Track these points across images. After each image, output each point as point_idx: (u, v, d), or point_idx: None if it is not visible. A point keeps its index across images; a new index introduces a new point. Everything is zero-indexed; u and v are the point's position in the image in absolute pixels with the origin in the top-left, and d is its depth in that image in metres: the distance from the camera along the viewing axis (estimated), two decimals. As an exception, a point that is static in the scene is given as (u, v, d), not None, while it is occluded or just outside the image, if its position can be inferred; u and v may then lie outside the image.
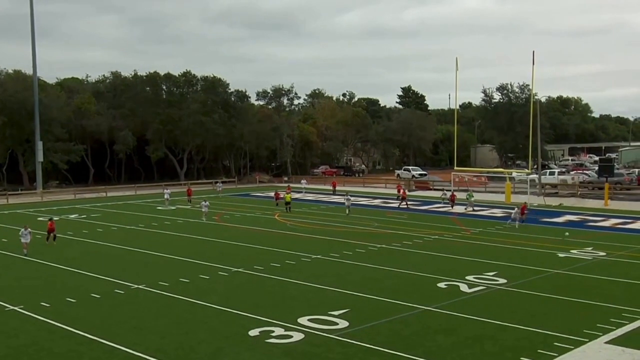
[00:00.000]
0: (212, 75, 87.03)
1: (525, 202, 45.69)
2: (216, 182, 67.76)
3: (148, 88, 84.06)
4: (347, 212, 46.67)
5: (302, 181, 68.13)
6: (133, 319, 20.27)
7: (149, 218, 46.15)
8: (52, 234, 34.23)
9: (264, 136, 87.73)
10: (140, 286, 24.39)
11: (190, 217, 46.05)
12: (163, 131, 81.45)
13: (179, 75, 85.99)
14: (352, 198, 50.73)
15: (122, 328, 19.22)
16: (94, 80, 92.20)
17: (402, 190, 55.99)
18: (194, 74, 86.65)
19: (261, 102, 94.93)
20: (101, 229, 40.29)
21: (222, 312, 20.83)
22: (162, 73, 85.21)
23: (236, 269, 27.35)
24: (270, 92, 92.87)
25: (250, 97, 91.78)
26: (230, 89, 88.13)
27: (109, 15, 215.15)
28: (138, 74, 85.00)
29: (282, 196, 52.16)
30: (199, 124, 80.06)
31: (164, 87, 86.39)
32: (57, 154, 73.27)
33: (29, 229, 31.50)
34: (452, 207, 49.72)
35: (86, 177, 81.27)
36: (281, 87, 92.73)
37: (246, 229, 40.59)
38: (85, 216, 47.43)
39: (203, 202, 45.24)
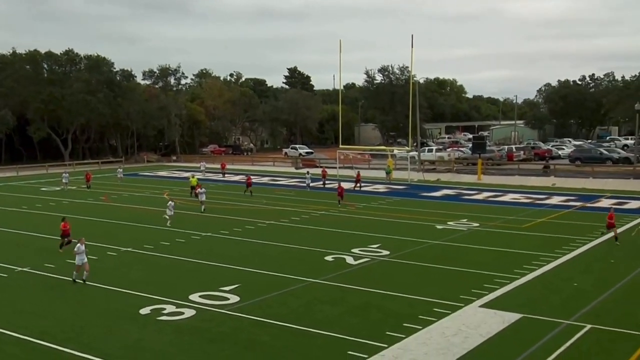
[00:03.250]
0: (96, 54, 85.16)
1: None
2: (108, 160, 65.42)
3: (28, 66, 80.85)
4: (202, 208, 38.08)
5: (202, 163, 67.74)
6: (17, 302, 19.86)
7: (32, 199, 44.51)
8: (66, 239, 27.16)
9: (151, 115, 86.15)
10: (24, 269, 23.80)
11: (77, 198, 44.80)
12: (45, 110, 78.59)
13: (60, 53, 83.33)
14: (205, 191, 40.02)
15: (6, 312, 18.84)
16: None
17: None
18: (77, 53, 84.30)
19: (147, 82, 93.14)
20: (-22, 213, 38.50)
21: (112, 292, 20.77)
22: (42, 51, 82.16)
23: (125, 249, 27.14)
24: (157, 72, 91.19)
25: (136, 77, 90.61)
26: (115, 68, 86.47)
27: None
28: (17, 52, 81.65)
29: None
30: (82, 103, 77.66)
31: (45, 66, 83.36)
32: None
33: (85, 243, 22.63)
34: (323, 184, 51.14)
35: (-37, 159, 76.95)
36: (168, 66, 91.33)
37: (135, 208, 40.03)
38: (-40, 199, 45.05)
39: (170, 203, 34.66)
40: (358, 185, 49.27)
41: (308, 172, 52.73)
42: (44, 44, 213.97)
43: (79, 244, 22.07)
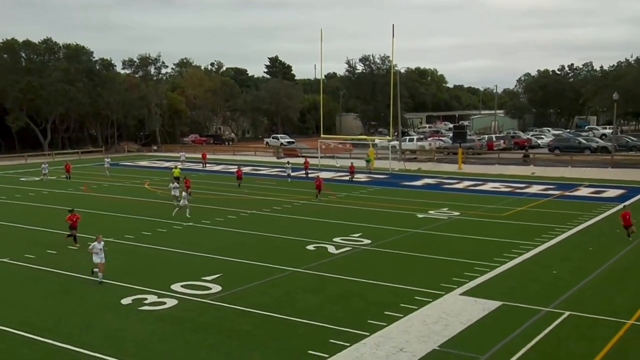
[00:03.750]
0: (75, 43, 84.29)
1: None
2: (88, 150, 64.93)
3: (6, 55, 79.88)
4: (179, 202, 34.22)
5: (182, 153, 67.40)
6: (-3, 293, 19.73)
7: (11, 190, 44.14)
8: (73, 232, 25.82)
9: (131, 105, 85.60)
10: (4, 259, 23.64)
11: (56, 188, 44.42)
12: (23, 100, 77.78)
13: (39, 42, 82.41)
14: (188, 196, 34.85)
15: (-14, 303, 18.67)
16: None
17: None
18: (56, 42, 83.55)
19: (127, 71, 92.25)
20: (-45, 203, 38.06)
21: (93, 282, 20.63)
22: (20, 40, 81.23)
23: (106, 239, 26.74)
24: (137, 61, 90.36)
25: (115, 66, 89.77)
26: (94, 57, 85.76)
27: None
28: None
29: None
30: (61, 92, 77.06)
31: (23, 55, 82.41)
32: None
33: (103, 241, 21.28)
34: (306, 174, 51.04)
35: (-60, 149, 76.04)
36: (148, 55, 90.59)
37: (115, 198, 39.78)
38: (-64, 190, 44.46)
39: (184, 194, 33.40)
40: (351, 177, 49.04)
41: (289, 163, 52.55)
42: (21, 32, 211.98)
43: (95, 242, 20.88)
